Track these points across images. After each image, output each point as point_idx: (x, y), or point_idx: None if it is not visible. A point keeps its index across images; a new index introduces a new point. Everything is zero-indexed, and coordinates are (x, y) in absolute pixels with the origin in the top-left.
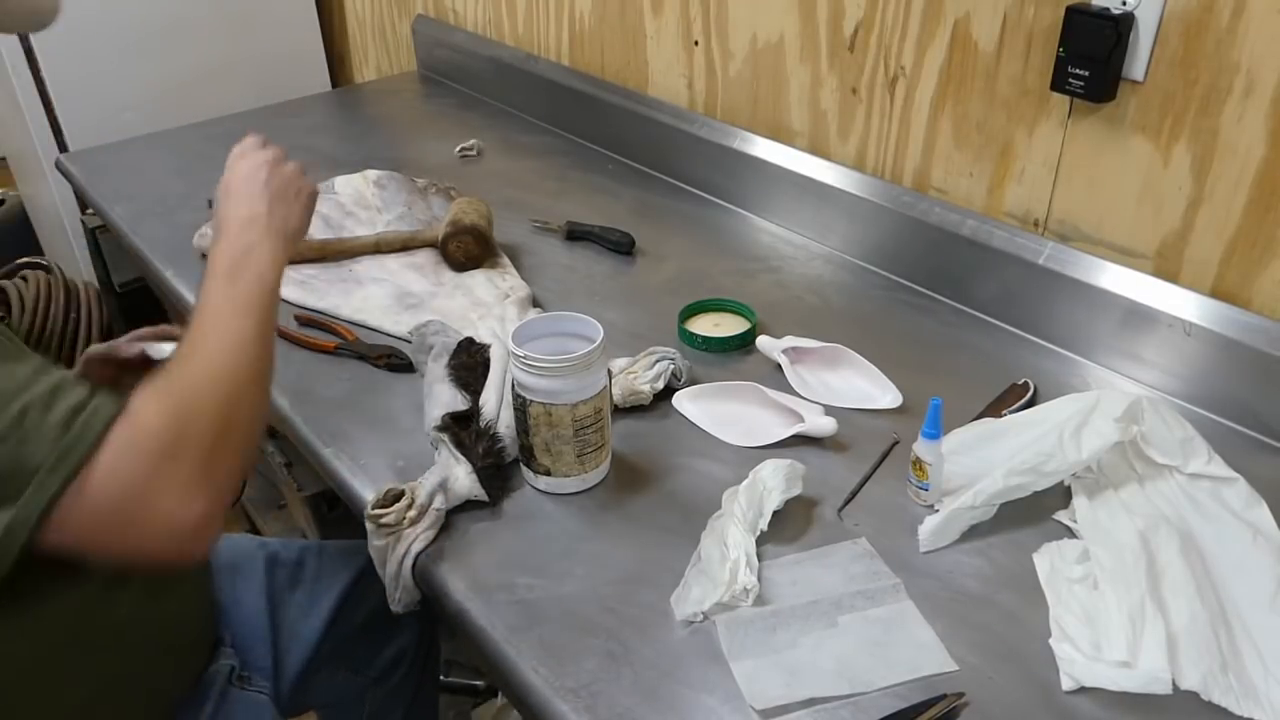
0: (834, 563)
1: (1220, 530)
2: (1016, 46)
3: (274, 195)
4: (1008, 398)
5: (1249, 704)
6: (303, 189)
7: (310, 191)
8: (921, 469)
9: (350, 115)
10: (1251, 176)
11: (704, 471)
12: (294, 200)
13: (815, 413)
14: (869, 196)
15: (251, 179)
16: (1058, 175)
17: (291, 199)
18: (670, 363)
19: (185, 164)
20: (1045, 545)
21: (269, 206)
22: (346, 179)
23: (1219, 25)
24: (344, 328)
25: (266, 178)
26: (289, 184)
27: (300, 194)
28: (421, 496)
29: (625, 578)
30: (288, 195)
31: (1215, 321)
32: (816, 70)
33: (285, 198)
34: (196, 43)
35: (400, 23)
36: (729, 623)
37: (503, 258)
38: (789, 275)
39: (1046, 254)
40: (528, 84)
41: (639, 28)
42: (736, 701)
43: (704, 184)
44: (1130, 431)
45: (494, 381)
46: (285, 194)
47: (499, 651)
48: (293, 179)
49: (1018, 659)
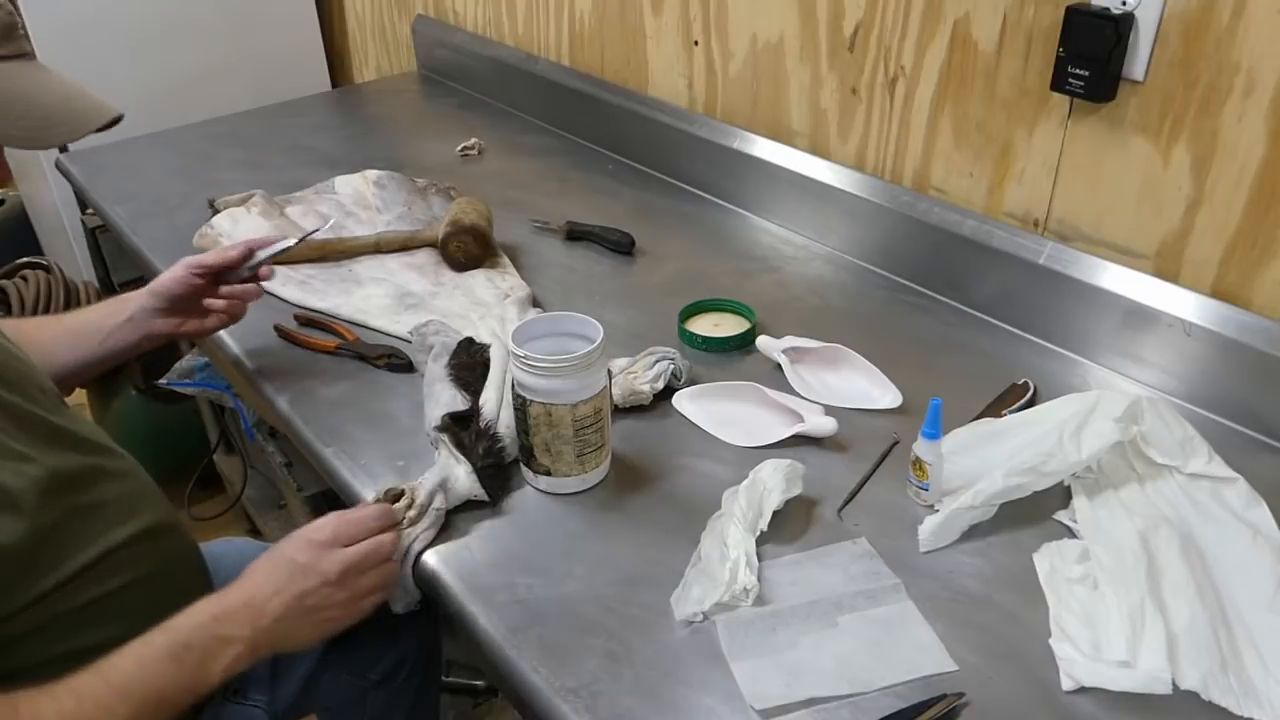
0: (834, 563)
1: (1220, 530)
2: (1016, 46)
3: (299, 610)
4: (1008, 398)
5: (1249, 704)
6: (334, 619)
7: (346, 615)
8: (921, 469)
9: (350, 115)
10: (1251, 176)
11: (704, 471)
12: (313, 624)
13: (815, 413)
14: (869, 196)
15: (300, 578)
16: (1058, 175)
17: (313, 623)
18: (670, 363)
19: (185, 164)
20: (1045, 545)
21: (281, 615)
22: (346, 179)
23: (1219, 25)
24: (344, 328)
25: (311, 592)
26: (326, 609)
27: (328, 623)
28: (421, 496)
29: (625, 578)
30: (312, 618)
31: (1215, 321)
32: (816, 70)
33: (307, 618)
34: (196, 43)
35: (400, 23)
36: (729, 623)
37: (503, 258)
38: (789, 275)
39: (1046, 254)
40: (528, 84)
41: (639, 28)
42: (736, 701)
43: (704, 184)
44: (1130, 431)
45: (494, 381)
46: (311, 616)
47: (499, 651)
48: (337, 607)
49: (1018, 659)
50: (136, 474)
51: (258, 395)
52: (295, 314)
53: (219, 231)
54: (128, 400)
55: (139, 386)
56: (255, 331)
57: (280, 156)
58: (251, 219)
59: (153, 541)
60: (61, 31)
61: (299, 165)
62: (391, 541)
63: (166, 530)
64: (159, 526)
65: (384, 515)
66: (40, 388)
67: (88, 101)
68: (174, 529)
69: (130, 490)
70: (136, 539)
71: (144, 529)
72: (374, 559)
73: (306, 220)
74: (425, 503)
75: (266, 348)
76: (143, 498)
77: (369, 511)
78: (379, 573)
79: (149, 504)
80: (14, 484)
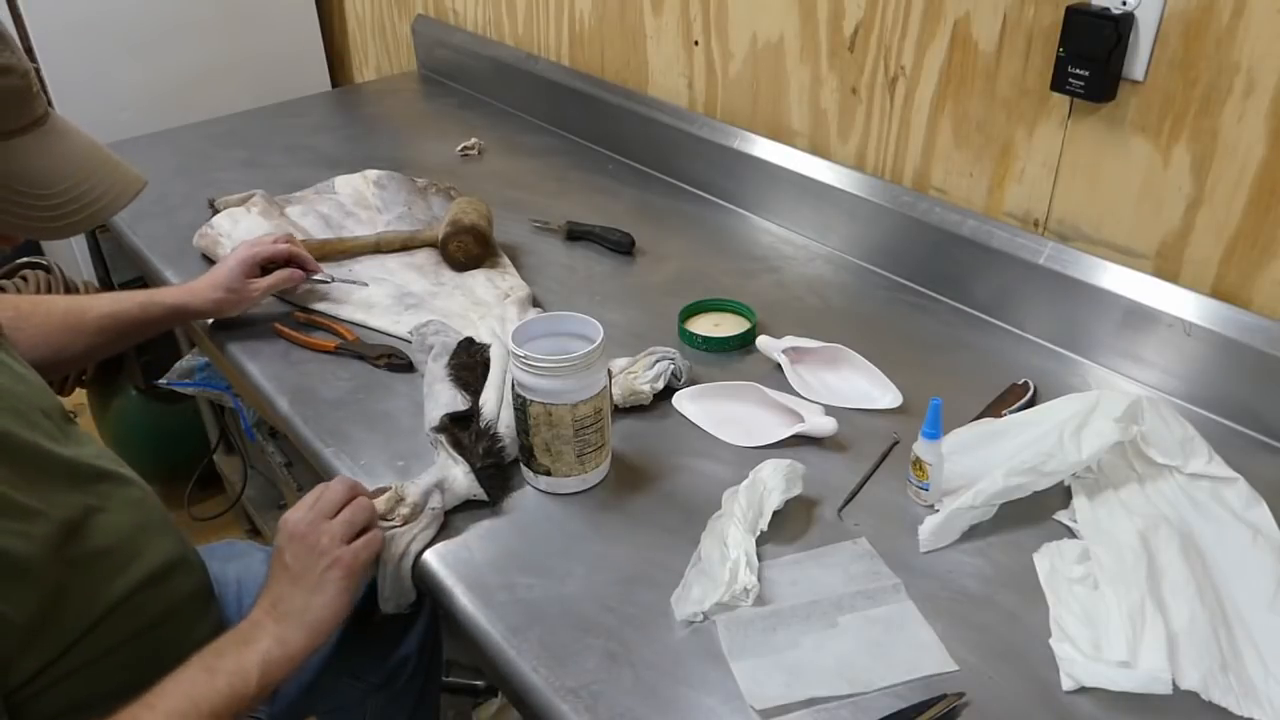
0: (834, 563)
1: (1220, 530)
2: (1016, 46)
3: (294, 576)
4: (1008, 398)
5: (1249, 704)
6: (336, 561)
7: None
8: (921, 469)
9: (350, 115)
10: (1251, 176)
11: (704, 471)
12: (319, 581)
13: (815, 413)
14: (869, 196)
15: (278, 553)
16: (1058, 175)
17: (315, 581)
18: (670, 363)
19: (185, 164)
20: (1045, 545)
21: (285, 590)
22: (346, 179)
23: (1219, 25)
24: (344, 328)
25: (290, 555)
26: (313, 558)
27: (332, 568)
28: (414, 494)
29: (625, 578)
30: (308, 576)
31: (1215, 321)
32: (816, 70)
33: (306, 579)
34: (196, 43)
35: (400, 23)
36: (729, 623)
37: (503, 258)
38: (789, 275)
39: (1046, 254)
40: (528, 84)
41: (639, 28)
42: (736, 701)
43: (704, 184)
44: (1130, 431)
45: (494, 381)
46: (305, 575)
47: (499, 651)
48: (319, 549)
49: (1018, 659)
50: (141, 504)
51: (258, 395)
52: (295, 314)
53: (219, 231)
54: (128, 400)
55: (139, 386)
56: (255, 331)
57: (280, 156)
58: (251, 219)
59: (157, 586)
60: (61, 31)
61: (299, 165)
62: (364, 502)
63: (171, 568)
64: (164, 567)
65: (354, 485)
66: (44, 409)
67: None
68: (178, 564)
69: (134, 524)
70: (141, 586)
71: (148, 574)
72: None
73: (306, 220)
74: (420, 502)
75: (266, 348)
76: (146, 531)
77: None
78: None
79: (153, 539)
80: (21, 550)
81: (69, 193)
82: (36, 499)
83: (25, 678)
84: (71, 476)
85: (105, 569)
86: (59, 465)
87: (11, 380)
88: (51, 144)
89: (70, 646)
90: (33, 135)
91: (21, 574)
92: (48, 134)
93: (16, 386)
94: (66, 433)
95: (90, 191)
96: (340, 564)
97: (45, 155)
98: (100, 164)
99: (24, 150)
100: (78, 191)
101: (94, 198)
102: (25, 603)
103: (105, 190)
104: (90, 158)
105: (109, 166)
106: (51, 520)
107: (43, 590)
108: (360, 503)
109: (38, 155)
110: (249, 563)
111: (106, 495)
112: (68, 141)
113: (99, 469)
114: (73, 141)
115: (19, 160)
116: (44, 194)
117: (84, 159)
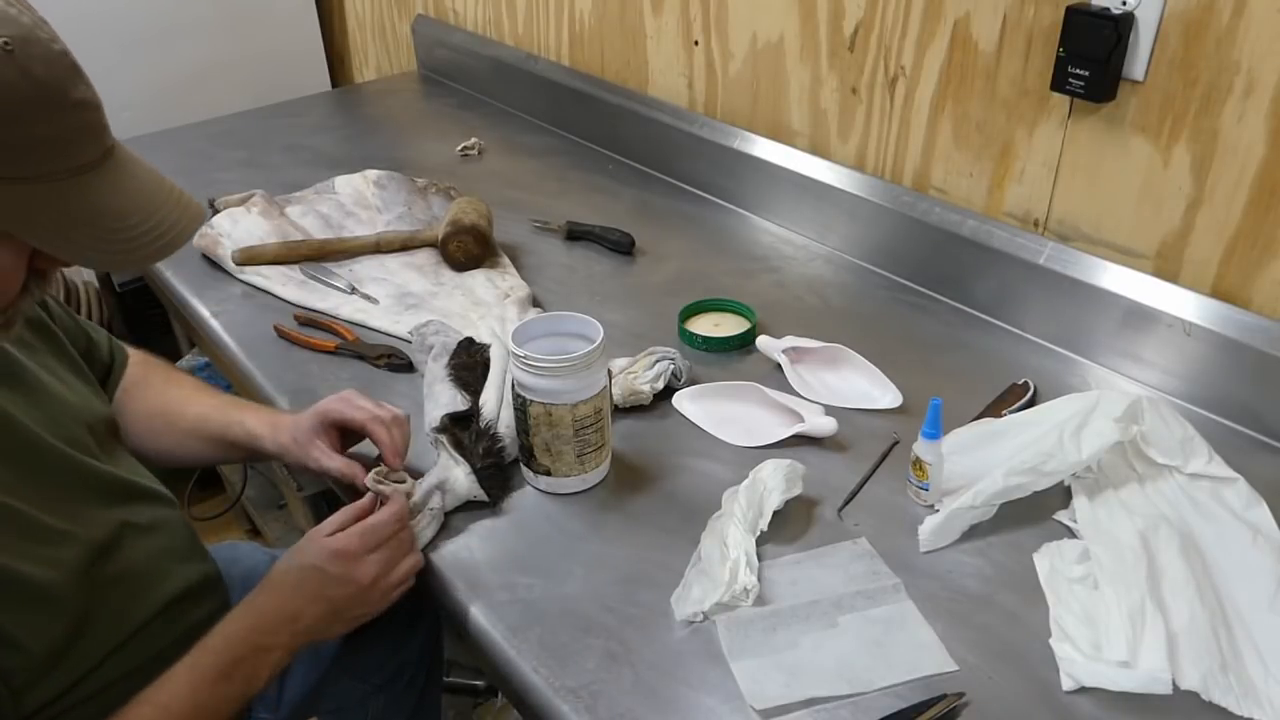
0: (834, 563)
1: (1220, 530)
2: (1016, 46)
3: (334, 610)
4: (1008, 398)
5: (1249, 704)
6: (366, 616)
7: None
8: (921, 469)
9: (350, 115)
10: (1251, 176)
11: (704, 471)
12: (345, 622)
13: (815, 413)
14: (869, 196)
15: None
16: (1058, 175)
17: (345, 620)
18: (670, 363)
19: (185, 164)
20: (1045, 545)
21: (313, 614)
22: (346, 179)
23: (1219, 25)
24: (344, 328)
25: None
26: (360, 608)
27: (360, 619)
28: (415, 495)
29: (625, 578)
30: (344, 617)
31: (1215, 321)
32: (816, 70)
33: (340, 619)
34: (196, 43)
35: (400, 23)
36: (729, 623)
37: (503, 258)
38: (789, 275)
39: (1046, 254)
40: (528, 84)
41: (639, 28)
42: (736, 701)
43: (704, 184)
44: (1130, 431)
45: (494, 381)
46: (344, 615)
47: (499, 651)
48: (369, 605)
49: (1018, 659)
50: (171, 524)
51: (258, 395)
52: (295, 314)
53: (219, 231)
54: None
55: None
56: (255, 331)
57: (280, 156)
58: (251, 219)
59: (182, 609)
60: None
61: (299, 165)
62: (411, 536)
63: (195, 591)
64: (188, 590)
65: (401, 516)
66: (88, 422)
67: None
68: (202, 587)
69: (162, 547)
70: (165, 609)
71: (172, 597)
72: (399, 557)
73: (306, 220)
74: (420, 502)
75: (266, 348)
76: (174, 554)
77: (387, 515)
78: (406, 569)
79: (180, 562)
80: (45, 577)
81: (140, 225)
82: (66, 519)
83: (42, 703)
84: (106, 493)
85: (131, 591)
86: (93, 481)
87: (61, 390)
88: (121, 176)
89: (90, 671)
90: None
91: (44, 602)
92: (117, 166)
93: (68, 396)
94: (107, 448)
95: (160, 224)
96: (372, 607)
97: (116, 188)
98: (165, 195)
99: (97, 185)
100: (149, 224)
101: (164, 230)
102: (47, 631)
103: (174, 222)
104: (157, 188)
105: (174, 197)
106: (81, 541)
107: (68, 617)
108: (404, 538)
109: (109, 189)
110: (254, 566)
111: (140, 514)
112: (134, 172)
113: (136, 486)
114: (138, 172)
115: (93, 195)
116: (117, 228)
117: (152, 190)
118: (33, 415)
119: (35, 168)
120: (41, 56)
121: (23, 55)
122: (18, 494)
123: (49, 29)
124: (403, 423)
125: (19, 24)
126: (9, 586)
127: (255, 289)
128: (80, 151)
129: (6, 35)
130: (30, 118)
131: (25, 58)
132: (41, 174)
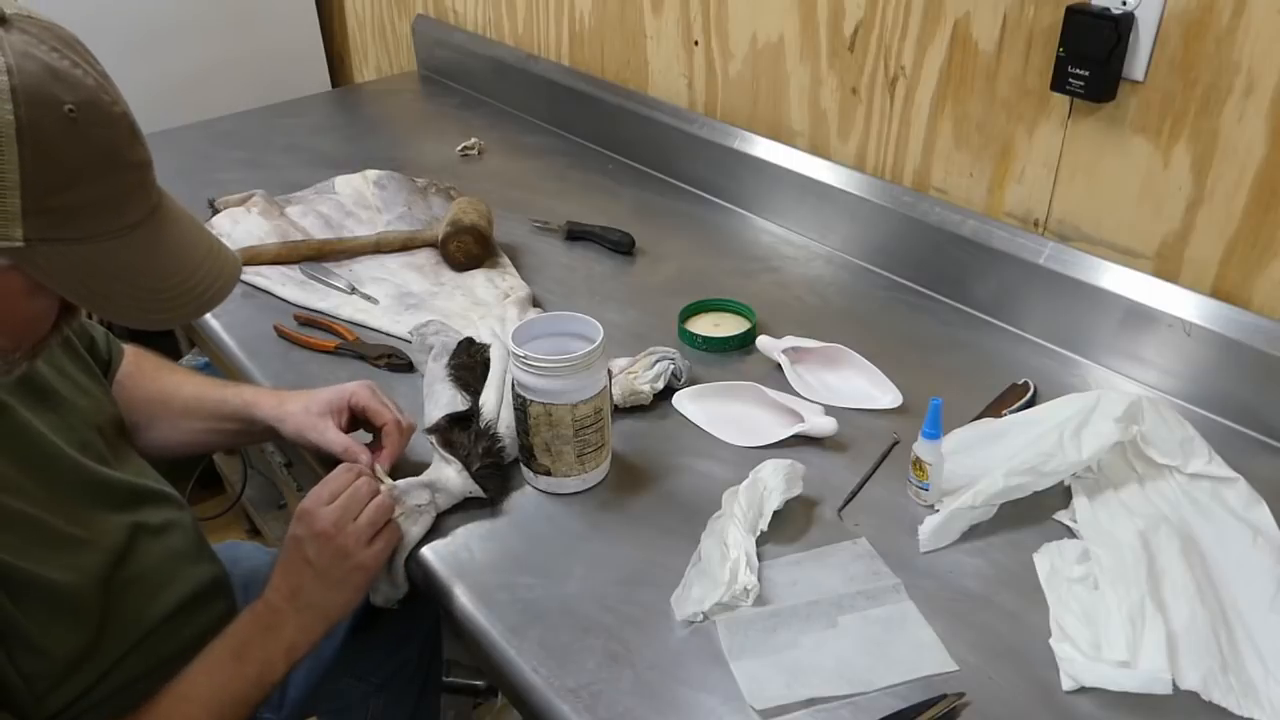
0: (834, 563)
1: (1220, 530)
2: (1016, 46)
3: (318, 572)
4: (1008, 398)
5: (1249, 704)
6: (361, 566)
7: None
8: (921, 469)
9: (350, 115)
10: (1251, 176)
11: (704, 471)
12: (342, 580)
13: (815, 413)
14: (869, 196)
15: (298, 544)
16: (1058, 175)
17: (337, 579)
18: (670, 363)
19: (185, 164)
20: (1045, 545)
21: (307, 584)
22: (346, 179)
23: (1219, 25)
24: (344, 328)
25: (315, 552)
26: (339, 559)
27: (355, 571)
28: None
29: (625, 578)
30: (331, 575)
31: (1215, 321)
32: (816, 70)
33: (328, 578)
34: (196, 42)
35: (400, 23)
36: (729, 623)
37: (503, 258)
38: (789, 275)
39: (1046, 254)
40: (528, 84)
41: (639, 28)
42: (736, 701)
43: (704, 184)
44: (1130, 431)
45: (494, 381)
46: (329, 575)
47: (499, 651)
48: (345, 551)
49: (1018, 659)
50: (181, 526)
51: None
52: (295, 314)
53: (219, 231)
54: None
55: None
56: (255, 331)
57: (280, 156)
58: (251, 219)
59: (192, 612)
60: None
61: (299, 165)
62: (385, 501)
63: (205, 593)
64: (198, 592)
65: (356, 470)
66: (99, 425)
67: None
68: (211, 588)
69: (173, 549)
70: (176, 612)
71: (182, 600)
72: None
73: (306, 220)
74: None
75: (266, 348)
76: (184, 555)
77: (339, 469)
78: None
79: (190, 564)
80: (68, 584)
81: (182, 284)
82: (83, 527)
83: (60, 707)
84: (119, 498)
85: (145, 594)
86: (106, 487)
87: (74, 393)
88: (165, 233)
89: (105, 675)
90: (149, 225)
91: (68, 608)
92: (162, 222)
93: (80, 400)
94: (116, 450)
95: (201, 282)
96: (364, 569)
97: (160, 246)
98: (206, 251)
99: (142, 243)
100: (190, 283)
101: (204, 288)
102: (69, 637)
103: (214, 279)
104: (197, 244)
105: (214, 253)
106: (99, 548)
107: (88, 622)
108: (381, 503)
109: (154, 247)
110: (256, 568)
111: (151, 516)
112: (178, 227)
113: (146, 489)
114: (181, 226)
115: (138, 254)
116: (158, 287)
117: (193, 246)
118: (50, 422)
119: (82, 229)
120: (103, 121)
121: (85, 121)
122: (40, 504)
123: (112, 89)
124: (409, 434)
125: (84, 87)
126: (36, 593)
127: (255, 289)
128: (129, 211)
129: (72, 102)
130: (85, 182)
131: (87, 124)
132: (87, 235)
